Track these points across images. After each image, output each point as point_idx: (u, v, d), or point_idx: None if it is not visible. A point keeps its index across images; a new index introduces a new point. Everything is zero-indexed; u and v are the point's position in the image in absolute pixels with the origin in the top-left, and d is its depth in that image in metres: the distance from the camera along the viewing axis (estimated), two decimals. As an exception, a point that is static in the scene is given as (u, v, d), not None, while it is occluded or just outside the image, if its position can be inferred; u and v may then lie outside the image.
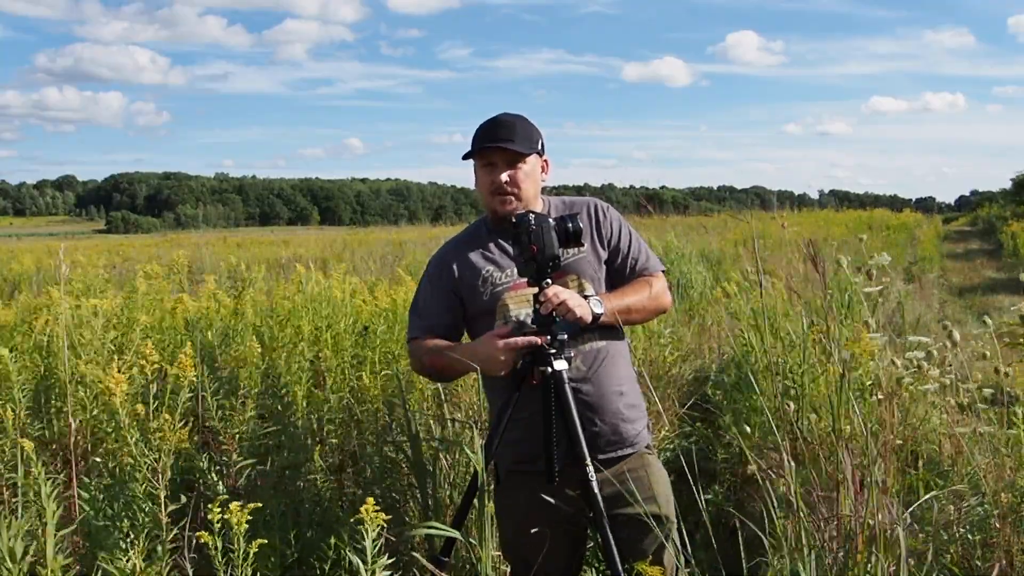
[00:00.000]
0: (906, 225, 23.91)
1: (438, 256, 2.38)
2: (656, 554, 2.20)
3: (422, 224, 43.76)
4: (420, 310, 2.33)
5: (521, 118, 2.28)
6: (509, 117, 2.27)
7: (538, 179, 2.30)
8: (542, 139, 2.30)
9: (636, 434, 2.28)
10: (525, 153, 2.22)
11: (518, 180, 2.23)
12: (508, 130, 2.23)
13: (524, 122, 2.27)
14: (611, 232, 2.33)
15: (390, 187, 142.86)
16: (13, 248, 18.79)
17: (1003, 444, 2.40)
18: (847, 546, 1.99)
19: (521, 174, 2.23)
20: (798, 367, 3.12)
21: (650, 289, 2.31)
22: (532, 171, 2.26)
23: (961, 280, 13.04)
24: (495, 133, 2.23)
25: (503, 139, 2.21)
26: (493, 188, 2.23)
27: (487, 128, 2.25)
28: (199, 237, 20.33)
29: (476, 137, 2.26)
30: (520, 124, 2.25)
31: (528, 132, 2.25)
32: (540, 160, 2.30)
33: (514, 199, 2.23)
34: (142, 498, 1.97)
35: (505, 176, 2.22)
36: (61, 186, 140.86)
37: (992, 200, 43.26)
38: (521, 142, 2.22)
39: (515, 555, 2.28)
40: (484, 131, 2.25)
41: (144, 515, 1.97)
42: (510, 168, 2.22)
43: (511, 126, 2.24)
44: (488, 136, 2.23)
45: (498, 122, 2.25)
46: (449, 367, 2.22)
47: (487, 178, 2.25)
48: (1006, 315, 2.66)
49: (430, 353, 2.24)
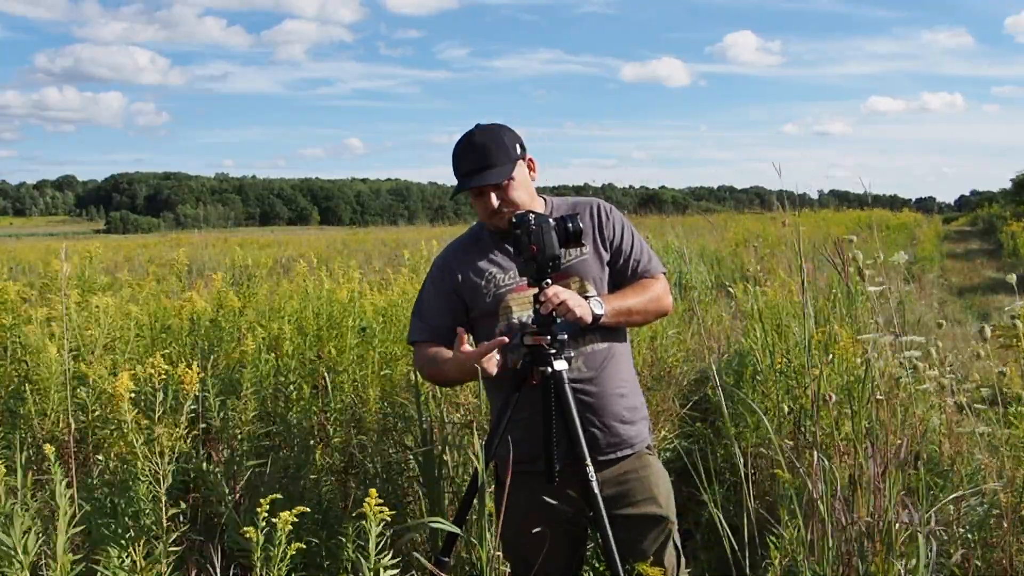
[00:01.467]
0: (906, 225, 23.92)
1: (440, 258, 2.38)
2: (656, 554, 2.20)
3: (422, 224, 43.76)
4: (422, 312, 2.33)
5: (493, 131, 2.23)
6: (481, 137, 2.21)
7: (528, 182, 2.28)
8: (520, 141, 2.27)
9: (636, 435, 2.28)
10: (509, 174, 2.20)
11: (511, 198, 2.22)
12: (484, 156, 2.19)
13: (497, 136, 2.22)
14: (613, 233, 2.32)
15: (390, 187, 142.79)
16: (13, 248, 18.78)
17: (1003, 443, 2.40)
18: (865, 548, 1.98)
19: (511, 191, 2.21)
20: (803, 367, 3.12)
21: (651, 291, 2.31)
22: (521, 180, 2.24)
23: (961, 280, 13.03)
24: (474, 165, 2.19)
25: (484, 169, 2.18)
26: (488, 213, 2.24)
27: (464, 159, 2.21)
28: (199, 237, 20.30)
29: (456, 168, 2.24)
30: (494, 141, 2.21)
31: (504, 145, 2.21)
32: (524, 164, 2.28)
33: (511, 212, 2.20)
34: (144, 500, 1.97)
35: (496, 201, 2.21)
36: (61, 186, 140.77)
37: (992, 200, 43.23)
38: (501, 163, 2.19)
39: (515, 555, 2.28)
40: (462, 163, 2.22)
41: (145, 516, 1.98)
42: (498, 190, 2.21)
43: (486, 150, 2.19)
44: (469, 171, 2.20)
45: (473, 149, 2.20)
46: (446, 378, 2.28)
47: (480, 205, 2.25)
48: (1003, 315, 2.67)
49: (429, 364, 2.26)
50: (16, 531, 1.72)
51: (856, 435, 2.14)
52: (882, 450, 2.03)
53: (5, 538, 1.74)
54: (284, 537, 1.74)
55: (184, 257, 4.84)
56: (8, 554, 1.72)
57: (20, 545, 1.73)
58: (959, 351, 4.11)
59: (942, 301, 9.77)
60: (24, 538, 1.74)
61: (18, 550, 1.72)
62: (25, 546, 1.73)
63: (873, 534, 1.97)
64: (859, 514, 2.02)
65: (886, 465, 1.97)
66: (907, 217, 27.97)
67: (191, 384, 2.08)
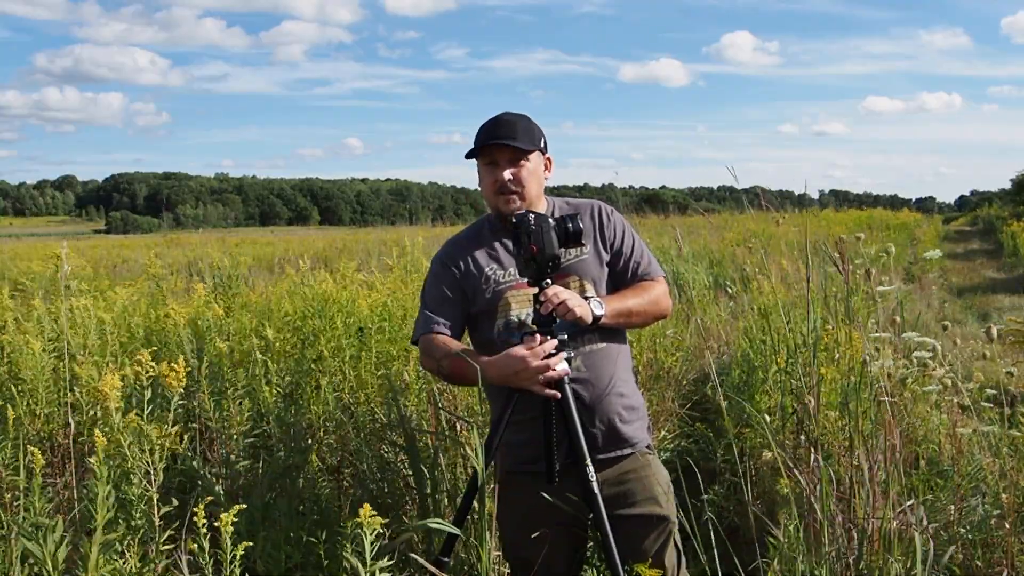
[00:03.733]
0: (906, 225, 23.89)
1: (441, 254, 2.37)
2: (657, 554, 2.19)
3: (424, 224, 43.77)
4: (428, 305, 2.30)
5: (523, 117, 2.29)
6: (511, 116, 2.27)
7: (541, 177, 2.29)
8: (544, 137, 2.30)
9: (636, 435, 2.27)
10: (527, 150, 2.22)
11: (521, 178, 2.22)
12: (510, 128, 2.22)
13: (526, 120, 2.27)
14: (614, 235, 2.32)
15: (390, 187, 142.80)
16: (13, 248, 18.77)
17: (1007, 444, 2.39)
18: (863, 548, 1.98)
19: (524, 172, 2.22)
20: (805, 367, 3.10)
21: (651, 293, 2.31)
22: (535, 169, 2.26)
23: (961, 280, 13.02)
24: (497, 131, 2.22)
25: (505, 136, 2.20)
26: (497, 186, 2.23)
27: (489, 127, 2.25)
28: (199, 237, 20.31)
29: (478, 135, 2.26)
30: (522, 122, 2.25)
31: (530, 130, 2.25)
32: (543, 158, 2.30)
33: (517, 198, 2.22)
34: (135, 501, 1.96)
35: (508, 174, 2.21)
36: (61, 186, 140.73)
37: (992, 200, 43.24)
38: (523, 139, 2.22)
39: (515, 556, 2.27)
40: (486, 130, 2.24)
41: (138, 517, 1.96)
42: (513, 166, 2.22)
43: (513, 124, 2.23)
44: (490, 134, 2.22)
45: (500, 121, 2.25)
46: (466, 374, 2.11)
47: (490, 176, 2.24)
48: (1007, 315, 2.65)
49: (448, 356, 2.17)
50: (48, 544, 1.70)
51: (859, 435, 2.13)
52: (874, 452, 2.02)
53: (36, 549, 1.72)
54: (229, 539, 1.73)
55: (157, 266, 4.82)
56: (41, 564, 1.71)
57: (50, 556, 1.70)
58: (959, 351, 4.09)
59: (942, 301, 9.75)
60: (55, 550, 1.71)
61: (47, 561, 1.70)
62: (55, 558, 1.71)
63: (871, 534, 1.96)
64: (857, 514, 2.01)
65: (887, 466, 1.96)
66: (907, 217, 27.95)
67: (178, 381, 2.06)
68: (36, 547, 1.72)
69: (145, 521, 1.96)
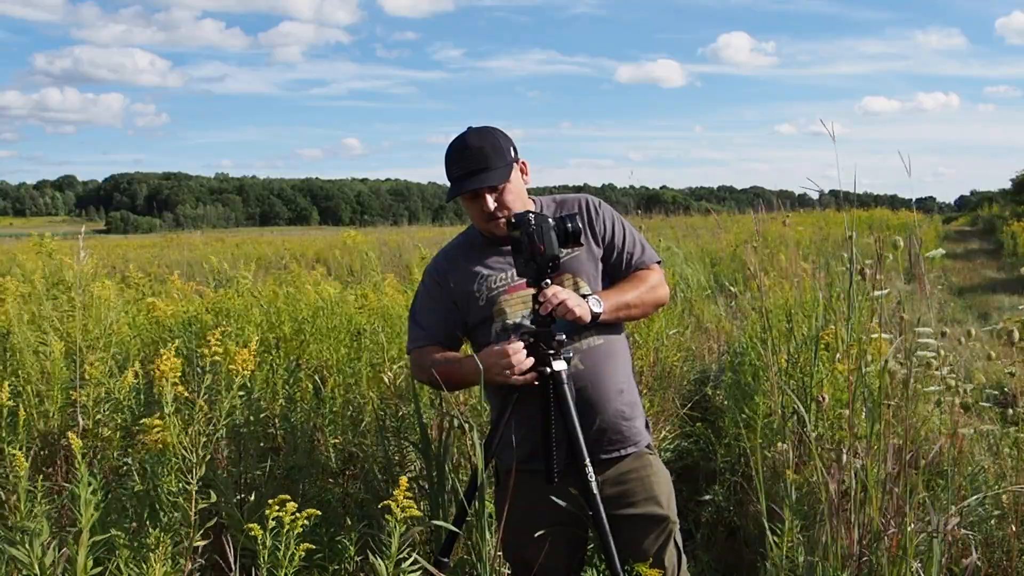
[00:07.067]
0: (906, 225, 23.83)
1: (432, 265, 2.37)
2: (657, 554, 2.20)
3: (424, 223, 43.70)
4: (419, 319, 2.31)
5: (487, 134, 2.21)
6: (477, 139, 2.19)
7: (522, 186, 2.27)
8: (512, 145, 2.25)
9: (636, 432, 2.27)
10: (506, 177, 2.19)
11: (506, 202, 2.20)
12: (481, 159, 2.16)
13: (491, 137, 2.20)
14: (604, 228, 2.31)
15: (390, 187, 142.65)
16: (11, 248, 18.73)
17: (1009, 444, 2.39)
18: (875, 551, 1.97)
19: (507, 194, 2.20)
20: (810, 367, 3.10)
21: (647, 283, 2.30)
22: (515, 184, 2.23)
23: (961, 280, 13.01)
24: (470, 166, 2.16)
25: (479, 173, 2.16)
26: (484, 216, 2.22)
27: (459, 162, 2.18)
28: (199, 237, 20.29)
29: (449, 172, 2.20)
30: (489, 143, 2.18)
31: (498, 148, 2.19)
32: (518, 167, 2.25)
33: (506, 218, 2.20)
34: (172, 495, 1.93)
35: (492, 202, 2.19)
36: (61, 186, 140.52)
37: (992, 200, 43.15)
38: (497, 166, 2.17)
39: (515, 556, 2.27)
40: (457, 166, 2.18)
41: (170, 514, 1.94)
42: (494, 192, 2.19)
43: (481, 153, 2.16)
44: (464, 174, 2.17)
45: (468, 153, 2.17)
46: (455, 377, 2.20)
47: (475, 208, 2.22)
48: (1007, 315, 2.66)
49: (436, 364, 2.21)
50: (35, 548, 1.67)
51: (874, 436, 2.12)
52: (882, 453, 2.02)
53: (21, 554, 1.68)
54: (293, 537, 1.73)
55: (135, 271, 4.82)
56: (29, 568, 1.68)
57: (36, 560, 1.68)
58: (959, 351, 4.10)
59: (942, 301, 9.75)
60: (41, 555, 1.68)
61: (35, 565, 1.67)
62: (42, 563, 1.69)
63: (885, 537, 1.96)
64: (872, 516, 2.01)
65: (901, 467, 1.97)
66: (907, 217, 27.88)
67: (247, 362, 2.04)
68: (21, 552, 1.69)
69: (181, 516, 1.93)
